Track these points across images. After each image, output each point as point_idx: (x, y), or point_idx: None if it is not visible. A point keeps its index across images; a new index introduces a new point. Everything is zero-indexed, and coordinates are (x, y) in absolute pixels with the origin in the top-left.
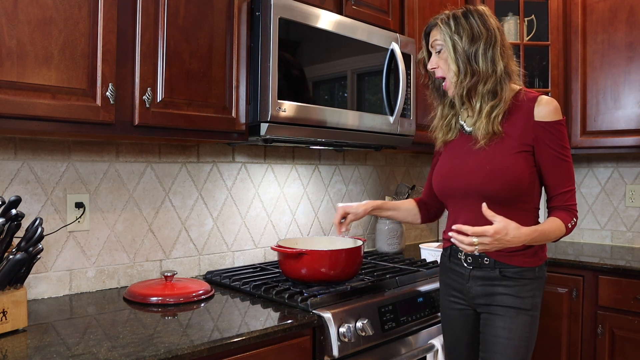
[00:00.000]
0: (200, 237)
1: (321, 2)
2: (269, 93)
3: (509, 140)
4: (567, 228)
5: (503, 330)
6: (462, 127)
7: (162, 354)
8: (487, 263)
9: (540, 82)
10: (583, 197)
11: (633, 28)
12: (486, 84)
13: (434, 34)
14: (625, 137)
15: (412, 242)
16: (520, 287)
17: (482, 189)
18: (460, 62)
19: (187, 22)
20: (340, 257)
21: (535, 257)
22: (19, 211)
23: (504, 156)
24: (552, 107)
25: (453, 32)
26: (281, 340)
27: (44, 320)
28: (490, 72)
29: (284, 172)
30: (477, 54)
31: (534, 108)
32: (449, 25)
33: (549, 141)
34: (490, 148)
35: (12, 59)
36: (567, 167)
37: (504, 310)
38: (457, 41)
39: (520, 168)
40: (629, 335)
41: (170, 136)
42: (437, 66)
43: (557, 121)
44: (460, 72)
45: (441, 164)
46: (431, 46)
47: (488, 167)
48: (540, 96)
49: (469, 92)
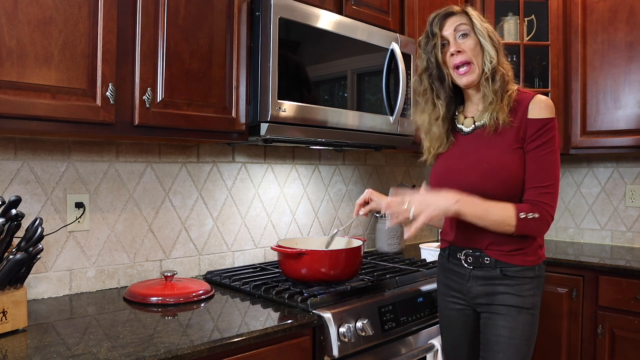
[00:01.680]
0: (200, 237)
1: (321, 2)
2: (269, 93)
3: (506, 138)
4: (518, 218)
5: (504, 330)
6: (460, 129)
7: (162, 354)
8: (487, 262)
9: (540, 82)
10: (583, 197)
11: (633, 28)
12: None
13: (456, 19)
14: (625, 137)
15: (412, 242)
16: (521, 286)
17: (478, 188)
18: (495, 47)
19: (187, 22)
20: (340, 257)
21: (535, 256)
22: (19, 211)
23: (499, 154)
24: (544, 105)
25: (482, 20)
26: (281, 340)
27: (44, 320)
28: (507, 65)
29: (284, 172)
30: (501, 44)
31: (529, 105)
32: (476, 12)
33: (534, 136)
34: (487, 146)
35: (12, 59)
36: (546, 165)
37: (505, 310)
38: (488, 28)
39: (515, 166)
40: (629, 335)
41: (170, 136)
42: (462, 49)
43: (545, 118)
44: (495, 56)
45: (438, 164)
46: (455, 30)
47: (484, 166)
48: (536, 95)
49: (494, 77)
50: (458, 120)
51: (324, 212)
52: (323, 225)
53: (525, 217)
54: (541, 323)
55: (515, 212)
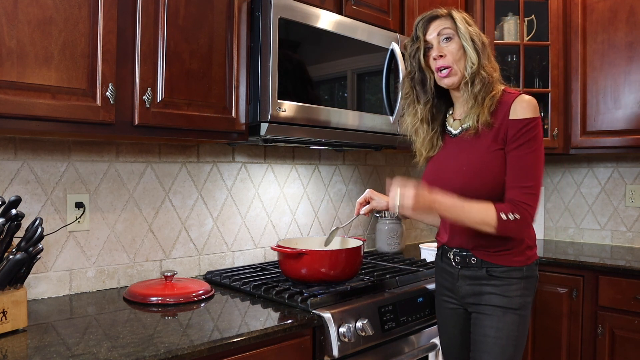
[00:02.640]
0: (200, 237)
1: (321, 2)
2: (269, 93)
3: (485, 139)
4: (499, 218)
5: (490, 330)
6: (450, 132)
7: (162, 354)
8: (474, 262)
9: (540, 82)
10: (583, 197)
11: (633, 28)
12: (487, 76)
13: (440, 23)
14: (625, 137)
15: (412, 242)
16: (507, 287)
17: (465, 190)
18: (477, 51)
19: (187, 22)
20: (340, 257)
21: (522, 257)
22: (19, 211)
23: (480, 156)
24: (526, 105)
25: (467, 23)
26: (281, 340)
27: (44, 320)
28: (490, 66)
29: (284, 172)
30: (485, 46)
31: (511, 106)
32: (461, 15)
33: (514, 137)
34: (468, 149)
35: (12, 59)
36: (528, 165)
37: (491, 310)
38: (472, 31)
39: (497, 167)
40: (629, 335)
41: (170, 136)
42: (444, 54)
43: (527, 118)
44: (476, 61)
45: (428, 168)
46: (438, 34)
47: (468, 168)
48: (519, 95)
49: (473, 81)
50: (448, 122)
51: (324, 212)
52: (323, 225)
53: (506, 218)
54: (541, 323)
55: (495, 212)
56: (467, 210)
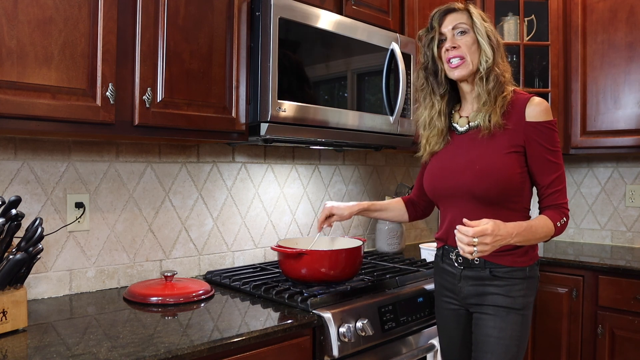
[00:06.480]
0: (200, 237)
1: (321, 2)
2: (269, 93)
3: (500, 140)
4: (556, 227)
5: (493, 330)
6: (455, 129)
7: (162, 354)
8: (477, 263)
9: (540, 82)
10: (583, 197)
11: (633, 28)
12: (501, 74)
13: (457, 17)
14: (625, 137)
15: (412, 242)
16: (511, 287)
17: (471, 189)
18: (492, 47)
19: (187, 22)
20: (340, 257)
21: (526, 257)
22: (19, 211)
23: (494, 156)
24: (543, 107)
25: (483, 19)
26: (281, 340)
27: (44, 320)
28: (503, 65)
29: (284, 172)
30: (500, 45)
31: (526, 109)
32: (478, 11)
33: (541, 141)
34: (480, 148)
35: (12, 59)
36: (557, 167)
37: (494, 310)
38: (488, 28)
39: (512, 168)
40: (629, 335)
41: (170, 136)
42: (457, 45)
43: (548, 121)
44: (491, 56)
45: (432, 164)
46: (454, 27)
47: (477, 167)
48: (532, 97)
49: (488, 77)
50: (453, 119)
51: None
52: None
53: (560, 224)
54: (541, 323)
55: (552, 223)
56: (534, 231)
